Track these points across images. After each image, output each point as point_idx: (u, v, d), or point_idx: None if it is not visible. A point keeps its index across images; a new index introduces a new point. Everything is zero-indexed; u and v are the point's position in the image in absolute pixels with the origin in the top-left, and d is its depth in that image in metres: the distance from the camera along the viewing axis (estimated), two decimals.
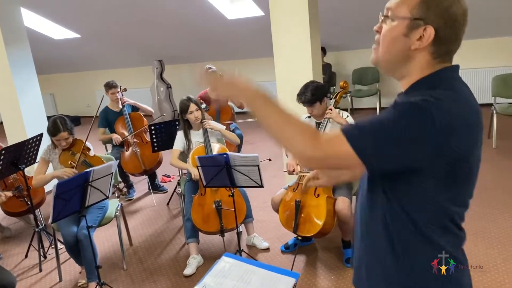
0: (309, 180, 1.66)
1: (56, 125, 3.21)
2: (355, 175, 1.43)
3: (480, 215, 3.57)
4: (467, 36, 1.10)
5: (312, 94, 3.10)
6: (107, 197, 2.93)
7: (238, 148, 5.06)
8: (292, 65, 3.93)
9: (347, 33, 7.22)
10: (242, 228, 3.64)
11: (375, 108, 7.44)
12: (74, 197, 2.64)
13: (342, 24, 6.85)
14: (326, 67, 7.53)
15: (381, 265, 1.19)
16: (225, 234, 3.25)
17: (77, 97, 10.08)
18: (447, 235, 1.14)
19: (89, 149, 3.38)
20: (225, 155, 2.77)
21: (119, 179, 4.45)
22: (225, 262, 1.67)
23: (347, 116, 3.24)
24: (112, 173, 2.85)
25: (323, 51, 7.53)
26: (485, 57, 6.74)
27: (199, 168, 2.92)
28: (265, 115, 1.09)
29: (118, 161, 3.11)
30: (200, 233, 3.37)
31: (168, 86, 8.32)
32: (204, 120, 3.63)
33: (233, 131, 5.03)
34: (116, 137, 4.70)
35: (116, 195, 3.74)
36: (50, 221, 2.65)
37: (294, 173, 3.23)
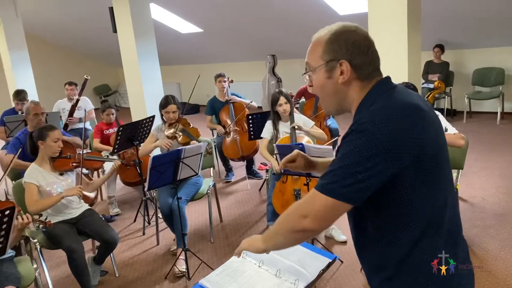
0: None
1: (167, 98, 3.83)
2: None
3: None
4: None
5: None
6: (197, 174, 3.29)
7: (334, 141, 5.12)
8: (387, 63, 3.87)
9: (468, 31, 6.72)
10: None
11: (496, 113, 6.79)
12: (167, 170, 3.03)
13: (463, 21, 6.41)
14: (443, 66, 7.10)
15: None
16: None
17: (198, 87, 10.94)
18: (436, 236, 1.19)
19: (189, 124, 3.83)
20: (300, 145, 2.90)
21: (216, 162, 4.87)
22: None
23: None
24: (201, 153, 3.20)
25: (441, 48, 7.13)
26: None
27: (277, 155, 3.10)
28: (274, 246, 1.35)
29: (205, 144, 3.38)
30: None
31: (279, 80, 8.61)
32: (294, 123, 3.76)
33: (329, 125, 5.11)
34: (220, 129, 5.19)
35: (211, 176, 4.12)
36: (146, 188, 3.09)
37: None
